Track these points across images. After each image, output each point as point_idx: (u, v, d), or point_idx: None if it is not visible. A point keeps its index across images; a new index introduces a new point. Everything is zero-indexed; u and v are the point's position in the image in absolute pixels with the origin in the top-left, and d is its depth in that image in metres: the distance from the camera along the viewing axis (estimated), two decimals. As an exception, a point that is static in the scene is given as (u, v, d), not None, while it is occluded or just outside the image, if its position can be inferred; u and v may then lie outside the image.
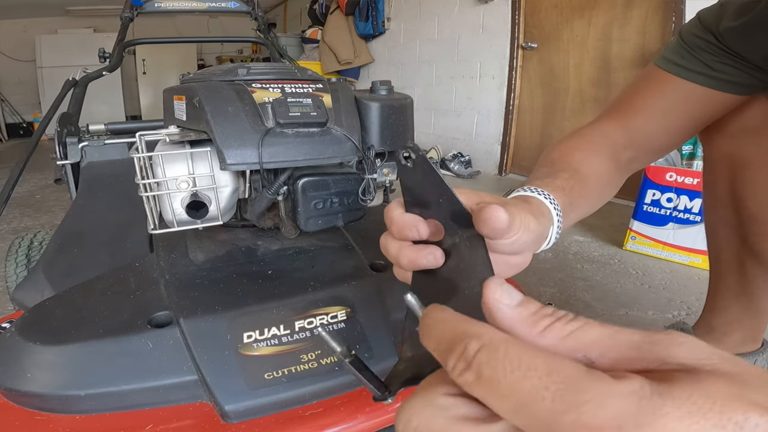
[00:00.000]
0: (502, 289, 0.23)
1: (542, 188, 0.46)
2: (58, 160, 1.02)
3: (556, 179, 0.50)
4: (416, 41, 3.79)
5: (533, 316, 0.22)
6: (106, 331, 0.51)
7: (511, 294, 0.22)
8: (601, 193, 0.58)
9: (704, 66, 0.64)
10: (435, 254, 0.33)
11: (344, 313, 0.56)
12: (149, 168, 0.55)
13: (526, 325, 0.21)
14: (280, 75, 0.61)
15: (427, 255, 0.33)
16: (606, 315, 1.23)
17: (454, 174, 3.15)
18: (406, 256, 0.34)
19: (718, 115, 0.69)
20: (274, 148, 0.54)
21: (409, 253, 0.34)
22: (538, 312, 0.22)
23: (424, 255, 0.33)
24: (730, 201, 0.77)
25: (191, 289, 0.57)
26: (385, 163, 0.66)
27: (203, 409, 0.50)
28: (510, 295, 0.22)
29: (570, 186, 0.50)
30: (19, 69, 5.64)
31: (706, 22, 0.65)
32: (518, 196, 0.45)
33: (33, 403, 0.48)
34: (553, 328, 0.21)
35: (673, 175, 1.56)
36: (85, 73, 1.53)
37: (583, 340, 0.20)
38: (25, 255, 1.00)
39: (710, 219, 0.85)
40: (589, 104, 2.66)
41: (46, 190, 2.66)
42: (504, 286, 0.23)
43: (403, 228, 0.34)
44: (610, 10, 2.44)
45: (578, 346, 0.20)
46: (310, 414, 0.49)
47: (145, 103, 6.09)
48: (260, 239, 0.70)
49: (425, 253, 0.33)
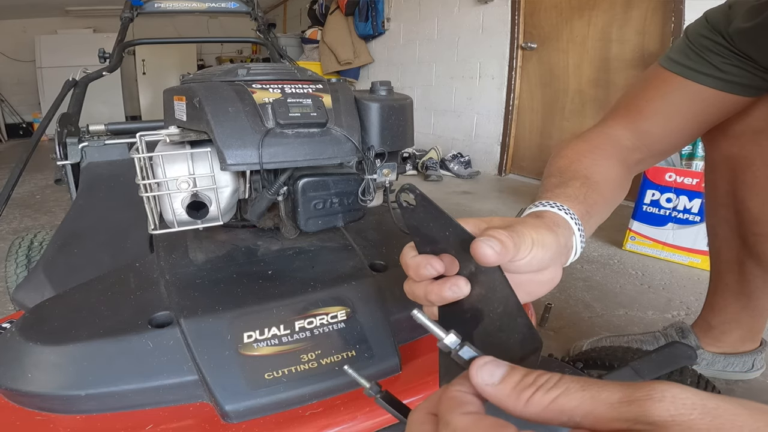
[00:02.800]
0: (483, 370, 0.25)
1: (554, 200, 0.46)
2: (58, 160, 1.02)
3: (568, 188, 0.49)
4: (416, 41, 3.79)
5: (515, 389, 0.23)
6: (106, 331, 0.51)
7: (492, 373, 0.25)
8: (614, 196, 0.58)
9: (711, 67, 0.64)
10: (458, 284, 0.34)
11: (344, 313, 0.56)
12: (149, 168, 0.56)
13: (511, 399, 0.23)
14: (280, 75, 0.61)
15: (451, 287, 0.34)
16: (606, 315, 1.23)
17: (453, 174, 3.15)
18: (433, 292, 0.35)
19: (725, 116, 0.69)
20: (274, 149, 0.54)
21: (434, 289, 0.35)
22: (519, 384, 0.23)
23: (448, 287, 0.34)
24: (731, 201, 0.78)
25: (191, 289, 0.57)
26: (384, 163, 0.66)
27: (203, 409, 0.50)
28: (491, 375, 0.25)
29: (583, 194, 0.49)
30: (19, 69, 5.64)
31: (714, 22, 0.64)
32: (531, 212, 0.45)
33: (33, 403, 0.49)
34: (535, 399, 0.23)
35: (673, 176, 1.56)
36: (85, 73, 1.53)
37: (566, 406, 0.22)
38: (25, 255, 1.00)
39: (711, 219, 0.85)
40: (588, 104, 2.66)
41: (46, 191, 2.66)
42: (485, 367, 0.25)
43: (419, 268, 0.35)
44: (610, 10, 2.44)
45: (563, 411, 0.22)
46: (310, 414, 0.49)
47: (144, 103, 6.09)
48: (260, 239, 0.70)
49: (449, 285, 0.34)
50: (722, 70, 0.63)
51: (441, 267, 0.35)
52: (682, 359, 0.53)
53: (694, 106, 0.66)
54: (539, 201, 0.47)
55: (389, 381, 0.55)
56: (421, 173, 3.16)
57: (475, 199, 2.59)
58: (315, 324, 0.55)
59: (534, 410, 0.23)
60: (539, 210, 0.45)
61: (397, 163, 0.69)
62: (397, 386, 0.54)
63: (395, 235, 0.75)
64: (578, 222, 0.45)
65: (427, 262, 0.35)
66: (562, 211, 0.44)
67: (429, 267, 0.35)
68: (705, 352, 0.93)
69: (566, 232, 0.43)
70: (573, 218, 0.44)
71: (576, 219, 0.45)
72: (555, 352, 1.05)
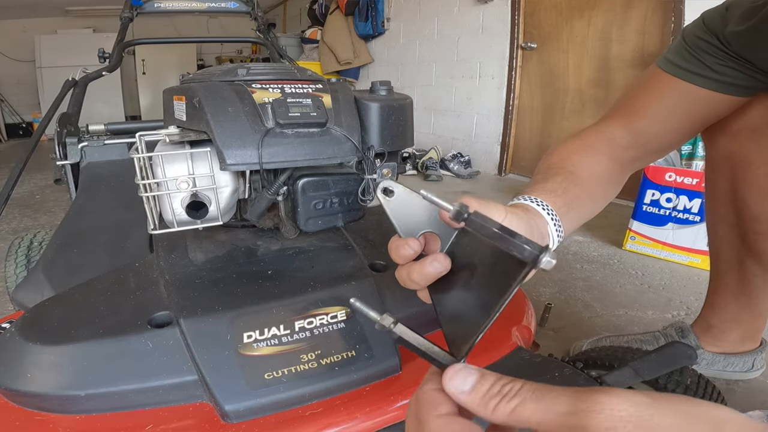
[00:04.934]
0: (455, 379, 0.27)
1: (531, 194, 0.48)
2: (58, 160, 1.02)
3: (548, 183, 0.51)
4: (416, 41, 3.79)
5: (483, 398, 0.26)
6: (106, 331, 0.51)
7: (464, 381, 0.27)
8: (602, 192, 0.58)
9: (706, 68, 0.64)
10: (438, 259, 0.35)
11: (344, 313, 0.56)
12: (149, 168, 0.56)
13: (481, 408, 0.26)
14: (279, 75, 0.61)
15: (432, 262, 0.35)
16: (606, 315, 1.23)
17: (453, 174, 3.15)
18: (415, 271, 0.35)
19: (721, 116, 0.70)
20: (273, 149, 0.54)
21: (416, 268, 0.35)
22: (486, 394, 0.26)
23: (429, 263, 0.35)
24: (731, 200, 0.78)
25: (191, 289, 0.57)
26: (384, 163, 0.66)
27: (203, 409, 0.50)
28: (463, 382, 0.27)
29: (563, 188, 0.50)
30: (19, 69, 5.64)
31: (710, 24, 0.64)
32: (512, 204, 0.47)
33: (33, 403, 0.49)
34: (499, 408, 0.25)
35: (673, 176, 1.56)
36: (84, 73, 1.53)
37: (524, 415, 0.24)
38: (24, 255, 1.00)
39: (711, 218, 0.85)
40: (588, 104, 2.66)
41: (46, 191, 2.66)
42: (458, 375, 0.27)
43: (398, 248, 0.36)
44: (610, 10, 2.44)
45: (522, 419, 0.24)
46: (310, 414, 0.49)
47: (144, 103, 6.08)
48: (260, 239, 0.70)
49: (429, 260, 0.35)
50: (717, 71, 0.64)
51: (417, 246, 0.36)
52: (682, 359, 0.53)
53: (689, 106, 0.66)
54: (518, 196, 0.48)
55: (389, 381, 0.55)
56: (421, 173, 3.16)
57: (475, 199, 2.59)
58: (315, 324, 0.55)
59: (500, 418, 0.25)
60: (514, 203, 0.47)
61: (397, 163, 0.69)
62: (397, 386, 0.54)
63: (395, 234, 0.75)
64: (552, 212, 0.46)
65: (405, 242, 0.36)
66: (535, 203, 0.46)
67: (406, 247, 0.36)
68: (705, 352, 0.93)
69: (539, 219, 0.45)
70: (546, 209, 0.46)
71: (549, 210, 0.46)
72: (555, 352, 1.05)
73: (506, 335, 0.64)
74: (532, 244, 0.28)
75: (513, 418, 0.24)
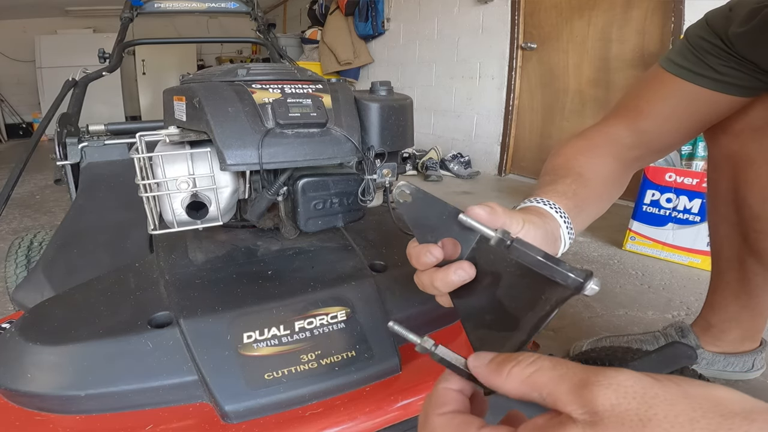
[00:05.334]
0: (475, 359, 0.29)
1: (543, 197, 0.48)
2: (58, 160, 1.02)
3: (558, 185, 0.51)
4: (416, 42, 3.79)
5: (499, 365, 0.27)
6: (106, 331, 0.51)
7: (483, 357, 0.28)
8: (608, 192, 0.59)
9: (709, 69, 0.64)
10: (463, 267, 0.35)
11: (344, 314, 0.56)
12: (149, 168, 0.56)
13: (495, 374, 0.27)
14: (279, 75, 0.61)
15: (456, 270, 0.35)
16: (606, 315, 1.23)
17: (453, 174, 3.15)
18: (438, 279, 0.36)
19: (723, 116, 0.70)
20: (274, 149, 0.54)
21: (439, 276, 0.36)
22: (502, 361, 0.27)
23: (453, 271, 0.35)
24: (732, 199, 0.78)
25: (191, 290, 0.57)
26: (384, 163, 0.66)
27: (203, 409, 0.50)
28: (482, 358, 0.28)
29: (573, 190, 0.51)
30: (19, 69, 5.64)
31: (714, 25, 0.64)
32: (520, 208, 0.48)
33: (33, 403, 0.49)
34: (514, 372, 0.26)
35: (673, 176, 1.56)
36: (84, 73, 1.53)
37: (538, 382, 0.25)
38: (24, 255, 1.00)
39: (712, 217, 0.85)
40: (588, 104, 2.66)
41: (46, 191, 2.66)
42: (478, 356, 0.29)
43: (419, 256, 0.37)
44: (610, 10, 2.44)
45: (536, 386, 0.25)
46: (310, 414, 0.49)
47: (144, 103, 6.08)
48: (260, 240, 0.70)
49: (454, 269, 0.35)
50: (719, 72, 0.64)
51: (439, 253, 0.36)
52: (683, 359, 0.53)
53: (691, 106, 0.67)
54: (529, 198, 0.49)
55: (389, 381, 0.55)
56: (421, 173, 3.16)
57: (475, 199, 2.59)
58: (315, 324, 0.55)
59: (513, 384, 0.26)
60: (527, 206, 0.48)
61: (397, 163, 0.69)
62: (397, 386, 0.54)
63: (395, 235, 0.75)
64: (564, 215, 0.47)
65: (427, 250, 0.36)
66: (548, 206, 0.47)
67: (428, 254, 0.36)
68: (705, 352, 0.93)
69: (553, 223, 0.45)
70: (558, 211, 0.47)
71: (562, 212, 0.47)
72: (555, 352, 1.05)
73: (506, 335, 0.65)
74: (576, 272, 0.29)
75: (527, 383, 0.25)
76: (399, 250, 0.70)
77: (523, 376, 0.25)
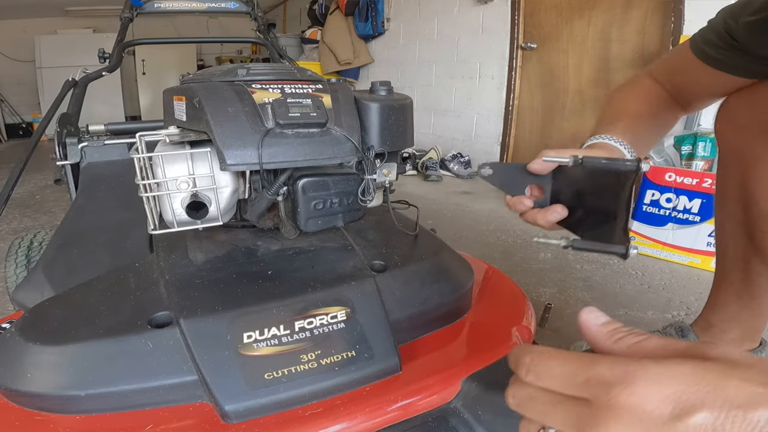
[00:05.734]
0: (591, 313, 0.31)
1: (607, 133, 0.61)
2: (58, 160, 1.02)
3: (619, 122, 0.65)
4: (416, 41, 3.79)
5: (611, 332, 0.29)
6: (106, 331, 0.51)
7: (598, 316, 0.31)
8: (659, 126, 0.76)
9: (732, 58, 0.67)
10: (556, 210, 0.51)
11: (344, 313, 0.56)
12: (149, 168, 0.56)
13: (605, 337, 0.29)
14: (279, 75, 0.61)
15: (552, 213, 0.51)
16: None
17: (453, 174, 3.15)
18: (540, 219, 0.52)
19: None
20: (274, 149, 0.54)
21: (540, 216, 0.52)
22: (616, 329, 0.29)
23: (550, 213, 0.51)
24: (740, 197, 0.77)
25: (191, 290, 0.57)
26: (384, 163, 0.66)
27: (203, 409, 0.50)
28: (597, 317, 0.31)
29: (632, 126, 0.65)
30: (19, 69, 5.64)
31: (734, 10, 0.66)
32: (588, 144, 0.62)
33: (33, 403, 0.49)
34: (624, 340, 0.28)
35: (672, 176, 1.56)
36: (84, 73, 1.53)
37: (644, 349, 0.27)
38: (24, 255, 1.00)
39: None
40: (588, 104, 2.66)
41: (46, 191, 2.66)
42: (594, 311, 0.31)
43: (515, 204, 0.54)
44: (610, 10, 2.44)
45: (640, 352, 0.27)
46: (310, 414, 0.49)
47: (144, 103, 6.09)
48: (260, 239, 0.70)
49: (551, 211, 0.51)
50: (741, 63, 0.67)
51: (528, 201, 0.53)
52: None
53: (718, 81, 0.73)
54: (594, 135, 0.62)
55: (389, 381, 0.55)
56: (421, 173, 3.16)
57: (475, 199, 2.59)
58: (315, 324, 0.55)
59: (620, 348, 0.28)
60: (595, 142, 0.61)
61: (397, 163, 0.69)
62: (396, 386, 0.54)
63: (395, 235, 0.75)
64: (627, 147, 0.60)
65: (519, 200, 0.54)
66: (612, 140, 0.60)
67: (522, 204, 0.53)
68: (705, 352, 0.93)
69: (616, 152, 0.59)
70: (621, 144, 0.60)
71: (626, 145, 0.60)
72: (555, 352, 1.05)
73: (506, 335, 0.65)
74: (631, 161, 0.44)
75: (633, 350, 0.28)
76: (399, 250, 0.70)
77: (631, 342, 0.28)
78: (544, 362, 0.28)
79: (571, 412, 0.26)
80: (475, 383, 0.55)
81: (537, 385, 0.28)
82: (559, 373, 0.27)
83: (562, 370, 0.27)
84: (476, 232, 1.96)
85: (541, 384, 0.28)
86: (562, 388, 0.27)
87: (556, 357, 0.28)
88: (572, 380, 0.27)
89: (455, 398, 0.54)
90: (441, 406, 0.54)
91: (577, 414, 0.26)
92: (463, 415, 0.52)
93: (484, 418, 0.51)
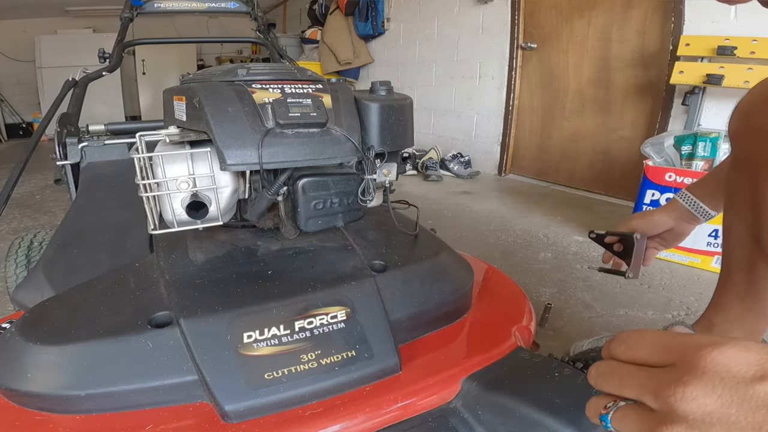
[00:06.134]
0: None
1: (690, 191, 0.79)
2: (58, 160, 1.02)
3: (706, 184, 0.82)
4: (416, 41, 3.79)
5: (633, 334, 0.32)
6: (106, 331, 0.51)
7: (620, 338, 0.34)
8: None
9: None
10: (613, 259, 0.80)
11: (344, 313, 0.56)
12: (149, 168, 0.56)
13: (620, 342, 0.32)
14: (280, 75, 0.61)
15: None
16: (605, 315, 1.23)
17: (453, 174, 3.15)
18: None
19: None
20: (274, 149, 0.54)
21: None
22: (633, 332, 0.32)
23: None
24: (750, 199, 0.77)
25: (191, 290, 0.57)
26: (384, 163, 0.66)
27: (203, 409, 0.50)
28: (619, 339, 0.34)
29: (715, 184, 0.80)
30: (19, 69, 5.64)
31: None
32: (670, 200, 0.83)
33: (33, 403, 0.49)
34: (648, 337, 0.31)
35: (672, 176, 1.56)
36: (84, 73, 1.53)
37: None
38: (24, 255, 1.00)
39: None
40: (588, 104, 2.66)
41: (46, 191, 2.66)
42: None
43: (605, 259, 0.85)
44: (610, 10, 2.44)
45: None
46: (310, 414, 0.49)
47: (144, 103, 6.08)
48: (260, 239, 0.70)
49: None
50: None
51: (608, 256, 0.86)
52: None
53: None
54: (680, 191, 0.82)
55: (389, 381, 0.55)
56: (421, 173, 3.16)
57: (475, 199, 2.59)
58: (315, 324, 0.55)
59: None
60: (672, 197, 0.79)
61: (397, 163, 0.69)
62: (396, 386, 0.54)
63: (395, 235, 0.75)
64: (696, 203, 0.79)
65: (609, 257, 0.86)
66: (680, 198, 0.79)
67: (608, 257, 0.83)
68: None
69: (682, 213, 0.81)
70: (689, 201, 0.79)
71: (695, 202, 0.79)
72: (555, 352, 1.05)
73: (506, 335, 0.65)
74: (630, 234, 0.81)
75: None
76: (399, 250, 0.70)
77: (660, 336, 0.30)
78: (638, 334, 0.31)
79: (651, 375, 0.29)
80: (475, 383, 0.55)
81: (625, 357, 0.31)
82: (651, 341, 0.30)
83: (654, 338, 0.30)
84: (476, 232, 1.96)
85: (631, 354, 0.30)
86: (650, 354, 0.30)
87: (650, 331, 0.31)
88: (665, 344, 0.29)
89: (455, 398, 0.54)
90: (441, 406, 0.54)
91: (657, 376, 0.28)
92: (463, 415, 0.52)
93: (484, 418, 0.51)
